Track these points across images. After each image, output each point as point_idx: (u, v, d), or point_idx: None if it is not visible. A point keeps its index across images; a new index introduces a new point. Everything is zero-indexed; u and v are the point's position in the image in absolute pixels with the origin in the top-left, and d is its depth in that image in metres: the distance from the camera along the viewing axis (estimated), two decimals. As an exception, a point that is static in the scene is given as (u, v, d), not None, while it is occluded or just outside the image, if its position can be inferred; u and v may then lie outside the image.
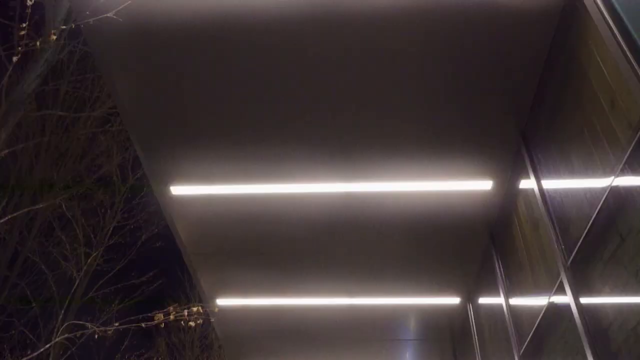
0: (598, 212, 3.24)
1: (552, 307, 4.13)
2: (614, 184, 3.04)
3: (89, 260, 10.79)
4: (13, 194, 9.78)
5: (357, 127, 4.54)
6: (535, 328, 4.46)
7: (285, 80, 4.17)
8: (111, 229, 12.38)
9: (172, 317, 5.00)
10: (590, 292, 3.43)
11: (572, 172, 3.66)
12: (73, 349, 10.49)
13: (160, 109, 4.46)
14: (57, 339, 5.57)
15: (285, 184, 5.27)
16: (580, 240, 3.49)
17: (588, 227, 3.37)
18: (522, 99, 4.26)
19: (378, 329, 7.70)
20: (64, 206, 10.56)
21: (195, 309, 5.24)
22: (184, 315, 5.15)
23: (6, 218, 6.58)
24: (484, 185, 5.14)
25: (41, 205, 7.87)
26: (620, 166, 2.94)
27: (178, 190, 5.43)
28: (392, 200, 5.36)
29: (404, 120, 4.46)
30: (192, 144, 4.78)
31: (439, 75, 4.07)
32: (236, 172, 5.08)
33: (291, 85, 4.20)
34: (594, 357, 3.30)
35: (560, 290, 3.87)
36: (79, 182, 10.92)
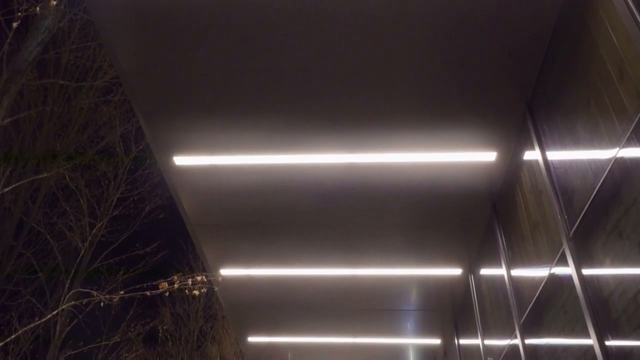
0: (602, 182, 3.23)
1: (553, 277, 4.15)
2: (620, 154, 3.02)
3: (94, 231, 10.88)
4: (17, 164, 9.80)
5: (359, 98, 4.50)
6: (536, 298, 4.51)
7: (289, 51, 4.11)
8: (115, 200, 12.46)
9: (176, 286, 5.06)
10: (592, 263, 3.44)
11: (577, 143, 3.64)
12: (80, 317, 10.68)
13: (163, 78, 4.42)
14: (64, 306, 5.65)
15: (288, 155, 5.26)
16: (584, 211, 3.49)
17: (592, 198, 3.37)
18: (528, 69, 4.20)
19: (380, 299, 7.78)
20: (67, 177, 10.59)
21: (199, 278, 5.30)
22: (188, 284, 5.20)
23: (10, 187, 6.60)
24: (487, 156, 5.12)
25: (45, 175, 7.88)
26: (627, 136, 2.91)
27: (181, 160, 5.43)
28: (395, 172, 5.36)
29: (407, 91, 4.42)
30: (195, 114, 4.75)
31: (443, 45, 4.01)
32: (240, 142, 5.06)
33: (294, 56, 4.15)
34: (594, 326, 3.34)
35: (562, 260, 3.89)
36: (81, 153, 10.93)
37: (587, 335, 3.49)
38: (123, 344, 13.19)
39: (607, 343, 3.23)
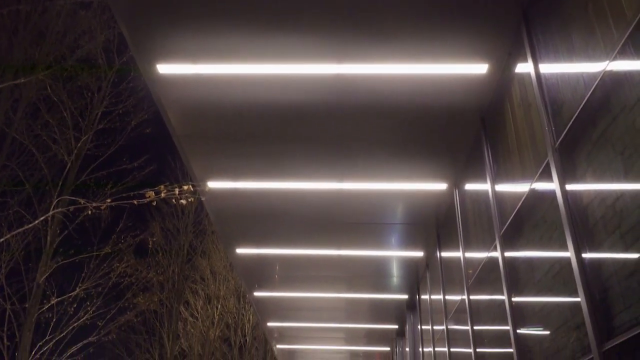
0: (593, 91, 3.19)
1: (536, 188, 4.22)
2: (613, 61, 2.96)
3: (79, 144, 10.76)
4: (-6, 73, 9.46)
5: (348, 7, 4.31)
6: (518, 209, 4.61)
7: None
8: (99, 113, 12.23)
9: (163, 195, 5.07)
10: (575, 173, 3.48)
11: (572, 52, 3.55)
12: (70, 229, 10.83)
13: (141, -24, 4.16)
14: (52, 212, 5.68)
15: (274, 64, 5.13)
16: (571, 122, 3.48)
17: (580, 108, 3.35)
18: (527, -26, 4.01)
19: (365, 213, 7.93)
20: (48, 87, 10.30)
21: (186, 187, 5.31)
22: (174, 194, 5.22)
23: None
24: (479, 68, 5.02)
25: (22, 80, 7.63)
26: (622, 42, 2.84)
27: (165, 69, 5.28)
28: (384, 83, 5.26)
29: (400, -5, 4.23)
30: (178, 18, 4.54)
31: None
32: (225, 49, 4.89)
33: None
34: (571, 233, 3.43)
35: (546, 171, 3.93)
36: (61, 62, 10.56)
37: (565, 242, 3.60)
38: (114, 255, 13.53)
39: (584, 253, 3.34)
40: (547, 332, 3.93)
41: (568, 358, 3.54)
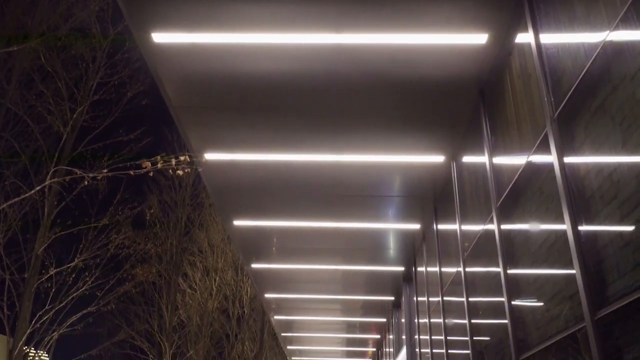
0: (593, 60, 3.15)
1: (534, 159, 4.22)
2: (615, 30, 2.92)
3: (75, 115, 10.67)
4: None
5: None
6: (515, 180, 4.61)
7: None
8: (95, 84, 12.10)
9: (160, 165, 5.05)
10: (573, 143, 3.47)
11: (573, 21, 3.50)
12: (67, 200, 10.82)
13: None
14: (48, 182, 5.66)
15: (272, 33, 5.05)
16: (570, 92, 3.45)
17: (580, 78, 3.31)
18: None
19: (362, 185, 7.94)
20: (42, 57, 10.15)
21: (182, 158, 5.28)
22: (171, 164, 5.20)
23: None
24: (478, 38, 4.96)
25: (15, 48, 7.50)
26: (624, 11, 2.79)
27: (160, 37, 5.20)
28: (382, 54, 5.20)
29: (400, -38, 4.14)
30: (172, -16, 4.45)
31: None
32: (222, 18, 4.80)
33: None
34: (567, 204, 3.44)
35: (544, 142, 3.92)
36: (54, 31, 10.38)
37: (561, 213, 3.61)
38: (112, 227, 13.57)
39: (580, 222, 3.35)
40: (541, 303, 3.98)
41: (561, 327, 3.59)
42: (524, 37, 4.42)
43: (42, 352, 12.60)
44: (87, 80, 11.80)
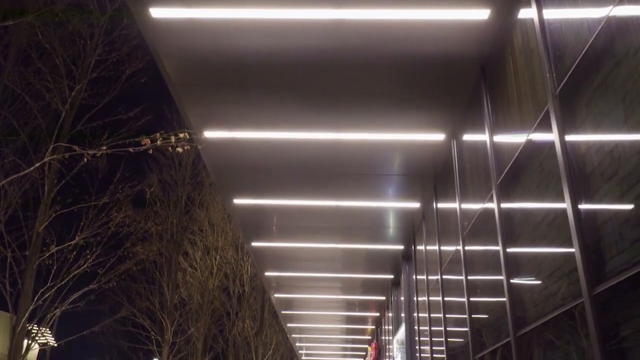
0: (596, 35, 3.11)
1: (535, 136, 4.19)
2: (618, 5, 2.87)
3: (73, 93, 10.60)
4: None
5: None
6: (516, 157, 4.59)
7: None
8: (93, 61, 12.00)
9: (159, 142, 5.03)
10: (574, 120, 3.45)
11: (577, -5, 3.44)
12: (68, 178, 10.82)
13: None
14: (47, 159, 5.65)
15: (271, 9, 4.98)
16: (573, 67, 3.41)
17: (583, 53, 3.27)
18: None
19: (362, 164, 7.93)
20: (39, 33, 10.03)
21: (182, 135, 5.26)
22: (171, 141, 5.18)
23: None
24: (480, 14, 4.89)
25: (11, 22, 7.40)
26: (630, -18, 2.74)
27: (158, 12, 5.14)
28: (382, 30, 5.13)
29: None
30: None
31: None
32: (219, -9, 4.73)
33: None
34: (568, 179, 3.43)
35: (546, 119, 3.89)
36: (51, 7, 10.23)
37: (560, 190, 3.60)
38: (112, 205, 13.59)
39: (579, 198, 3.34)
40: (540, 280, 4.00)
41: (559, 303, 3.62)
42: (527, 13, 4.36)
43: (44, 328, 12.74)
44: (85, 58, 11.70)
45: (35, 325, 12.65)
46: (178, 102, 6.56)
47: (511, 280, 4.67)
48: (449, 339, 7.30)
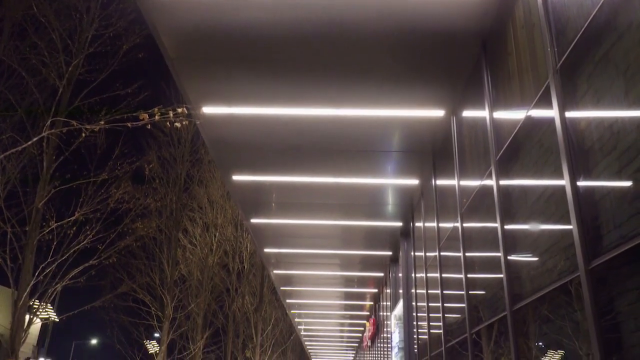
0: (599, 7, 3.06)
1: (535, 110, 4.17)
2: (623, -26, 2.82)
3: (70, 68, 10.48)
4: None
5: None
6: (515, 133, 4.57)
7: None
8: (89, 36, 11.85)
9: (157, 117, 4.99)
10: (575, 94, 3.42)
11: (580, -33, 3.38)
12: (67, 154, 10.79)
13: None
14: (45, 133, 5.62)
15: (270, -20, 4.90)
16: (575, 41, 3.37)
17: (585, 26, 3.23)
18: None
19: (361, 140, 7.90)
20: (34, 6, 9.88)
21: (180, 110, 5.22)
22: (169, 116, 5.14)
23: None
24: (483, -13, 4.82)
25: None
26: (635, -48, 2.69)
27: (154, -16, 5.05)
28: (382, 3, 5.05)
29: None
30: None
31: None
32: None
33: None
34: (567, 153, 3.42)
35: (546, 94, 3.86)
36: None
37: (559, 165, 3.60)
38: (111, 181, 13.59)
39: (578, 173, 3.34)
40: (537, 256, 4.02)
41: (555, 278, 3.64)
42: (530, -15, 4.28)
43: (46, 303, 12.86)
44: (82, 32, 11.56)
45: (37, 301, 12.78)
46: (176, 76, 6.50)
47: (509, 257, 4.69)
48: (446, 315, 7.38)
